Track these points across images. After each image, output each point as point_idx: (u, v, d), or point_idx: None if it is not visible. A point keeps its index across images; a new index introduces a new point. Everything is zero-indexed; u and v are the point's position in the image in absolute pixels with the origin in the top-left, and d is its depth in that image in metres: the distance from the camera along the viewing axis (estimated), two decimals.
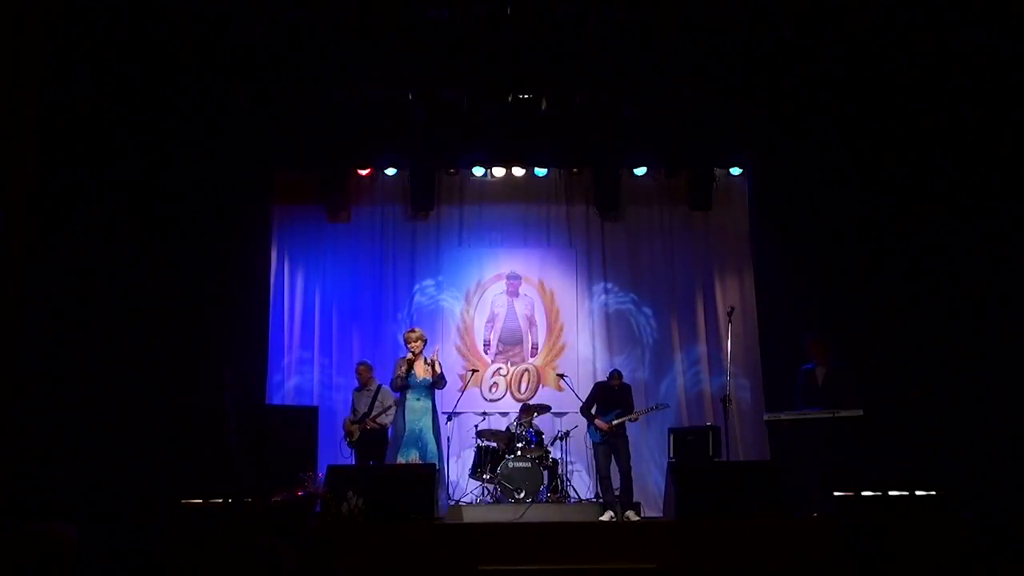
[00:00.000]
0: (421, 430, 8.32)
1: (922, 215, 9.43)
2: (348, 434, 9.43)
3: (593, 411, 9.02)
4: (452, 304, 11.00)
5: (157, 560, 6.71)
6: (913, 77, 9.08)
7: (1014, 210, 8.74)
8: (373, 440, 9.29)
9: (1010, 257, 8.76)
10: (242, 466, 9.08)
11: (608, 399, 9.02)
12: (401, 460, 8.19)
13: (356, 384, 9.71)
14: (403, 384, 8.40)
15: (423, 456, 8.26)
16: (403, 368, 8.41)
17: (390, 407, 9.26)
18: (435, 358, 8.59)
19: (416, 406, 8.39)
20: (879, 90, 9.33)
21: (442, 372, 8.65)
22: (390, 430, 8.88)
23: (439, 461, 8.37)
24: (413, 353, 8.45)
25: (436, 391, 8.78)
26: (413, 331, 8.69)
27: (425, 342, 8.67)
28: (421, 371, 8.41)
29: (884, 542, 6.80)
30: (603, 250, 11.12)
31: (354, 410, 9.53)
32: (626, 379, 9.66)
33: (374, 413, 9.34)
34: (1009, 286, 8.77)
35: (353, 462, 9.18)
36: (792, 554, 6.87)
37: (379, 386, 9.53)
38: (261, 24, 8.61)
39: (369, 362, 9.82)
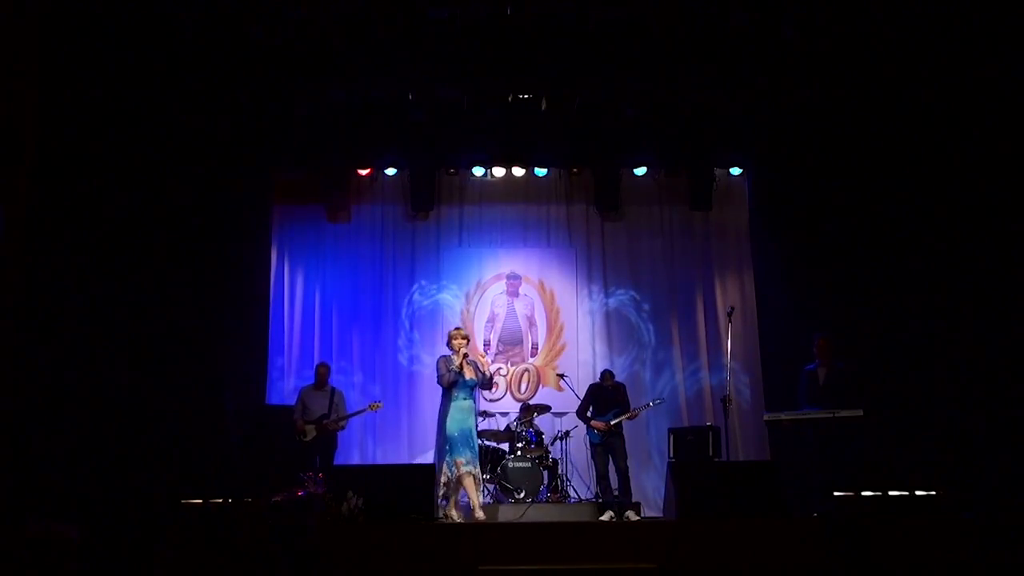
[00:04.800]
0: (470, 429, 8.05)
1: (922, 215, 9.43)
2: (301, 433, 9.33)
3: (589, 413, 9.01)
4: (452, 304, 11.01)
5: (157, 560, 6.74)
6: (914, 76, 9.08)
7: (1016, 210, 8.74)
8: (325, 441, 9.33)
9: (1011, 257, 8.76)
10: (242, 466, 9.09)
11: (603, 400, 9.01)
12: (461, 460, 7.82)
13: (327, 383, 9.64)
14: (453, 380, 8.05)
15: (474, 456, 7.99)
16: (457, 363, 8.06)
17: (344, 416, 9.41)
18: (482, 359, 8.35)
19: (464, 405, 8.05)
20: (879, 90, 9.33)
21: (491, 374, 8.39)
22: (437, 432, 8.40)
23: (477, 460, 8.13)
24: (463, 353, 8.12)
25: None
26: (459, 330, 8.40)
27: (468, 342, 8.39)
28: (467, 371, 8.13)
29: (883, 542, 6.80)
30: (603, 250, 11.14)
31: (306, 408, 9.44)
32: (626, 379, 9.65)
33: (333, 418, 9.36)
34: (1010, 285, 8.76)
35: (302, 461, 8.99)
36: (792, 554, 6.87)
37: (333, 389, 9.55)
38: (261, 24, 8.62)
39: (329, 364, 9.82)
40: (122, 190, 8.78)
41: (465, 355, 8.10)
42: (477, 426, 8.38)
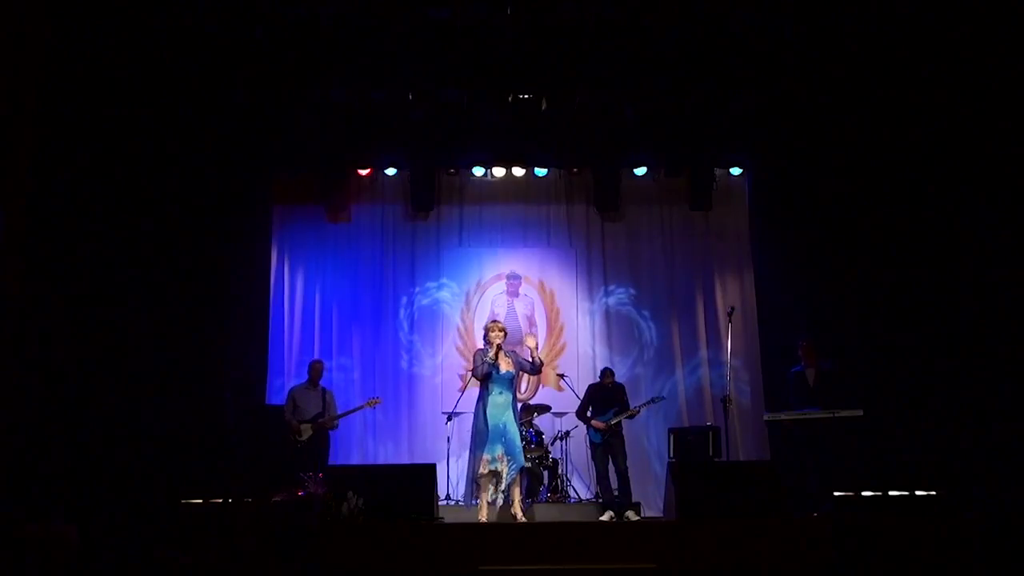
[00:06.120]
0: (505, 424, 7.75)
1: (922, 215, 9.43)
2: (296, 432, 9.26)
3: (589, 413, 9.00)
4: (452, 304, 11.00)
5: (157, 560, 6.74)
6: (913, 77, 9.08)
7: (1015, 211, 8.74)
8: (319, 441, 9.33)
9: (1010, 257, 8.76)
10: (242, 466, 9.09)
11: (603, 399, 9.00)
12: (487, 456, 7.64)
13: (323, 382, 9.64)
14: (487, 372, 7.78)
15: (508, 451, 7.72)
16: (491, 355, 7.75)
17: (335, 416, 9.44)
18: (531, 344, 8.02)
19: (499, 400, 7.80)
20: (879, 90, 9.33)
21: (540, 359, 7.99)
22: (472, 427, 8.14)
23: (520, 455, 7.81)
24: (498, 346, 7.80)
25: (513, 386, 8.11)
26: (496, 322, 8.09)
27: (506, 335, 8.09)
28: (504, 364, 7.86)
29: (884, 542, 6.79)
30: (603, 250, 11.13)
31: (297, 408, 9.38)
32: (626, 379, 9.60)
33: (327, 416, 9.37)
34: (1009, 285, 8.76)
35: (294, 461, 8.94)
36: (792, 554, 6.87)
37: (324, 389, 9.55)
38: (261, 24, 8.62)
39: (324, 361, 9.87)
40: (122, 190, 8.78)
41: (499, 347, 7.82)
42: (519, 421, 8.08)
